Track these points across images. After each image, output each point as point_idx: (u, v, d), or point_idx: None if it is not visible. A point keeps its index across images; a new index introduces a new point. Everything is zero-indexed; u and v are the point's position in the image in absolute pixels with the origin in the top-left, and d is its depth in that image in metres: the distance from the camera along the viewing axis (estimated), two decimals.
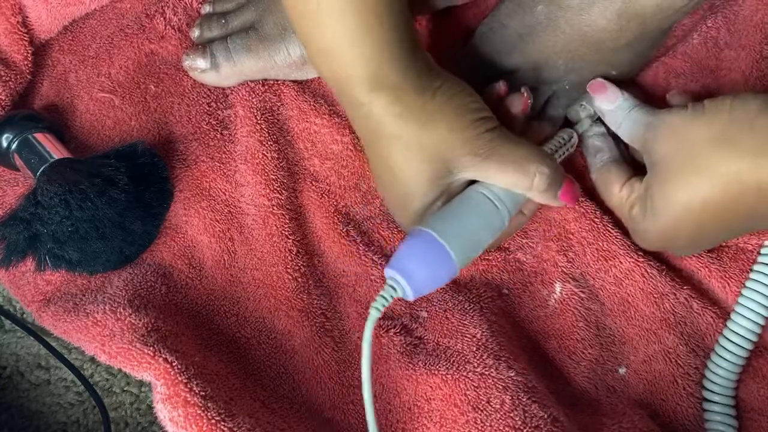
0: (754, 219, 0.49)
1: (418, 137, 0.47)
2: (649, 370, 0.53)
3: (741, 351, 0.51)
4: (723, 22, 0.60)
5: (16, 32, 0.58)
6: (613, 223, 0.55)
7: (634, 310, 0.53)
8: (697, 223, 0.49)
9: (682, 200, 0.48)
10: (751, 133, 0.46)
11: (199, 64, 0.59)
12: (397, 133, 0.47)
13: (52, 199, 0.50)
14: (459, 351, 0.50)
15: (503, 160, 0.49)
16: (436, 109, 0.47)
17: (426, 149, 0.48)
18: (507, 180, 0.49)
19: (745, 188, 0.46)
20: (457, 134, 0.48)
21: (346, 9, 0.44)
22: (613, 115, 0.55)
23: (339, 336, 0.52)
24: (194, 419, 0.44)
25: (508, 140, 0.49)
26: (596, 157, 0.56)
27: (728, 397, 0.51)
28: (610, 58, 0.56)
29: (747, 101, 0.47)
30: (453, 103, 0.48)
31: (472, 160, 0.48)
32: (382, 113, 0.47)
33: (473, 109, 0.49)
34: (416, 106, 0.47)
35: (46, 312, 0.52)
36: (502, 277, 0.55)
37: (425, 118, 0.47)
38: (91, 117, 0.59)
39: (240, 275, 0.54)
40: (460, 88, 0.49)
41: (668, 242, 0.52)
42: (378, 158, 0.50)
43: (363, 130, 0.49)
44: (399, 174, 0.49)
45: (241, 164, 0.57)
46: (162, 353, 0.46)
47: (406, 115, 0.47)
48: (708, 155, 0.47)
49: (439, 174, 0.49)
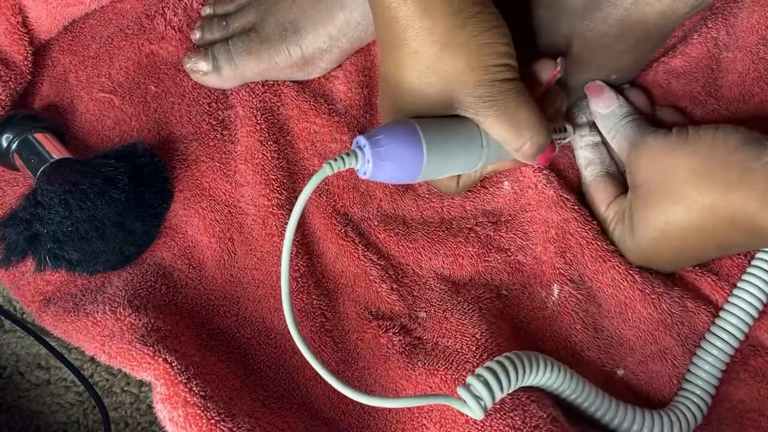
0: (728, 247, 0.51)
1: (436, 60, 0.46)
2: (646, 371, 0.53)
3: (727, 348, 0.52)
4: (722, 23, 0.60)
5: (16, 32, 0.58)
6: None
7: (632, 312, 0.53)
8: (674, 248, 0.51)
9: (661, 226, 0.50)
10: (726, 167, 0.47)
11: (200, 66, 0.59)
12: (416, 48, 0.45)
13: (52, 199, 0.50)
14: (458, 351, 0.50)
15: (504, 114, 0.48)
16: (462, 41, 0.45)
17: (440, 75, 0.46)
18: (499, 134, 0.49)
19: (720, 220, 0.48)
20: (473, 73, 0.46)
21: None
22: (606, 120, 0.55)
23: (338, 336, 0.53)
24: (194, 419, 0.44)
25: (518, 97, 0.48)
26: (587, 170, 0.57)
27: (708, 394, 0.52)
28: (610, 63, 0.56)
29: (728, 135, 0.48)
30: (481, 40, 0.46)
31: (475, 103, 0.47)
32: (408, 23, 0.45)
33: (499, 53, 0.47)
34: (444, 27, 0.45)
35: (46, 312, 0.52)
36: (501, 278, 0.55)
37: (450, 43, 0.45)
38: (91, 117, 0.59)
39: (240, 275, 0.54)
40: (495, 24, 0.47)
41: (649, 262, 0.54)
42: (390, 66, 0.48)
43: (384, 32, 0.47)
44: (405, 88, 0.48)
45: (241, 164, 0.57)
46: (162, 353, 0.46)
47: (432, 33, 0.45)
48: (687, 186, 0.48)
49: (441, 104, 0.48)
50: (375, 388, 0.51)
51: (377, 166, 0.46)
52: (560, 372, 0.47)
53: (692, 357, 0.53)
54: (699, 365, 0.52)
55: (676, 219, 0.49)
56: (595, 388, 0.49)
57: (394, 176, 0.47)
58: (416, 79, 0.47)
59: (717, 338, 0.52)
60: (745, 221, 0.47)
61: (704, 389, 0.51)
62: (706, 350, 0.52)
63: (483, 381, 0.44)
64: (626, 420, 0.49)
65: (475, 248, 0.55)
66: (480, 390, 0.44)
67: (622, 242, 0.54)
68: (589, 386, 0.49)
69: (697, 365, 0.52)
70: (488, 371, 0.44)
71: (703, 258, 0.54)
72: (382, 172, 0.46)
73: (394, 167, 0.46)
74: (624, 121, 0.54)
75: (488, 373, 0.44)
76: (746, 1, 0.59)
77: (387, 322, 0.52)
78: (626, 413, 0.49)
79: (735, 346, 0.52)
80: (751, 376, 0.53)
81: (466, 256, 0.55)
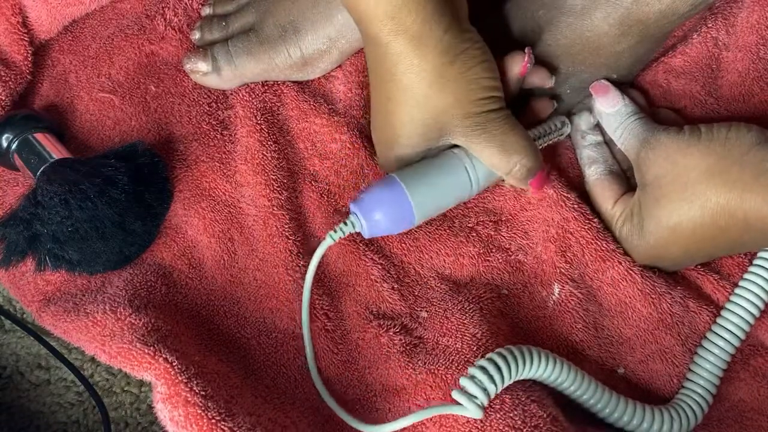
0: (738, 246, 0.51)
1: (427, 96, 0.48)
2: (647, 370, 0.53)
3: (728, 347, 0.52)
4: (722, 23, 0.60)
5: (16, 32, 0.58)
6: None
7: (632, 311, 0.53)
8: (684, 247, 0.51)
9: (672, 225, 0.50)
10: (741, 167, 0.47)
11: (200, 67, 0.59)
12: (407, 83, 0.48)
13: (52, 199, 0.50)
14: (459, 350, 0.50)
15: (492, 140, 0.50)
16: (450, 77, 0.48)
17: (429, 109, 0.48)
18: (488, 160, 0.51)
19: (733, 219, 0.48)
20: (461, 106, 0.49)
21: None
22: (611, 119, 0.55)
23: (340, 336, 0.53)
24: (194, 419, 0.44)
25: (505, 124, 0.50)
26: (591, 168, 0.57)
27: (709, 392, 0.52)
28: (610, 62, 0.56)
29: (742, 134, 0.49)
30: (468, 76, 0.48)
31: (465, 132, 0.50)
32: (399, 60, 0.47)
33: (485, 86, 0.49)
34: (434, 65, 0.47)
35: (46, 312, 0.52)
36: (502, 278, 0.55)
37: (439, 80, 0.47)
38: (91, 117, 0.59)
39: (240, 276, 0.54)
40: (481, 59, 0.49)
41: (656, 260, 0.54)
42: (381, 97, 0.50)
43: (376, 66, 0.49)
44: (395, 121, 0.50)
45: (241, 164, 0.57)
46: (162, 353, 0.46)
47: (422, 70, 0.47)
48: (701, 185, 0.49)
49: (431, 134, 0.50)
50: (376, 388, 0.51)
51: (372, 225, 0.51)
52: (556, 363, 0.48)
53: (694, 356, 0.53)
54: (700, 364, 0.52)
55: (688, 217, 0.49)
56: (594, 380, 0.49)
57: (391, 228, 0.51)
58: (407, 112, 0.49)
59: (719, 337, 0.52)
60: (759, 222, 0.47)
61: (705, 388, 0.51)
62: (708, 349, 0.52)
63: (476, 381, 0.45)
64: (626, 414, 0.49)
65: (476, 248, 0.55)
66: (474, 389, 0.45)
67: (629, 240, 0.53)
68: (588, 378, 0.49)
69: (699, 364, 0.52)
70: (480, 370, 0.46)
71: (711, 257, 0.54)
72: (378, 229, 0.51)
73: (387, 221, 0.51)
74: (631, 120, 0.54)
75: (479, 372, 0.46)
76: (746, 1, 0.59)
77: (388, 322, 0.52)
78: (626, 407, 0.49)
79: (736, 345, 0.52)
80: (751, 375, 0.53)
81: (467, 256, 0.55)
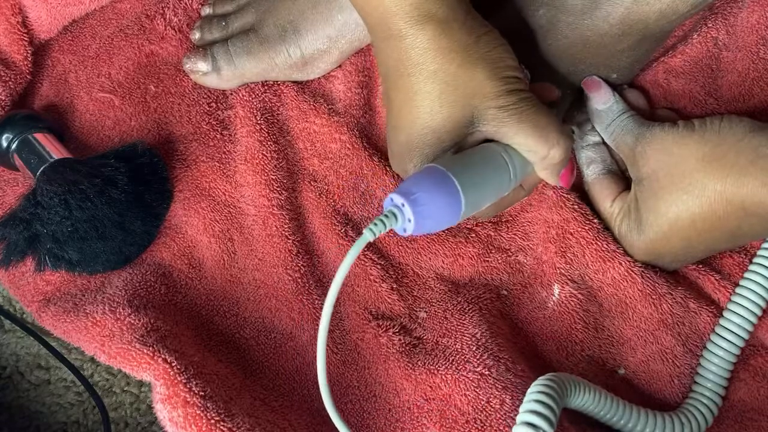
0: (737, 237, 0.51)
1: (457, 77, 0.47)
2: (647, 371, 0.53)
3: (733, 348, 0.52)
4: (722, 23, 0.60)
5: (16, 32, 0.58)
6: None
7: (632, 311, 0.53)
8: (684, 240, 0.51)
9: (671, 217, 0.50)
10: (737, 153, 0.47)
11: (200, 67, 0.59)
12: (436, 68, 0.46)
13: (52, 199, 0.50)
14: (459, 351, 0.50)
15: (526, 120, 0.48)
16: (478, 55, 0.47)
17: (460, 90, 0.47)
18: (526, 142, 0.49)
19: (731, 206, 0.48)
20: (493, 84, 0.47)
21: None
22: (604, 116, 0.55)
23: (339, 336, 0.53)
24: (194, 419, 0.44)
25: (536, 105, 0.49)
26: (589, 168, 0.57)
27: (718, 395, 0.51)
28: (611, 62, 0.56)
29: (734, 123, 0.49)
30: (494, 54, 0.48)
31: (497, 114, 0.48)
32: (426, 47, 0.46)
33: (510, 66, 0.49)
34: (462, 45, 0.47)
35: (46, 312, 0.52)
36: (502, 279, 0.55)
37: (468, 59, 0.47)
38: (91, 117, 0.59)
39: (240, 276, 0.54)
40: (501, 42, 0.49)
41: (656, 257, 0.53)
42: (404, 95, 0.48)
43: (397, 64, 0.48)
44: (423, 113, 0.48)
45: (241, 164, 0.57)
46: (161, 353, 0.46)
47: (451, 51, 0.46)
48: (698, 173, 0.48)
49: (464, 121, 0.48)
50: (375, 388, 0.51)
51: (419, 224, 0.44)
52: (585, 388, 0.47)
53: (699, 359, 0.52)
54: (706, 367, 0.52)
55: (687, 207, 0.49)
56: (599, 388, 0.49)
57: (435, 227, 0.46)
58: (436, 100, 0.47)
59: (722, 339, 0.52)
60: (756, 207, 0.47)
61: (713, 390, 0.51)
62: (713, 352, 0.52)
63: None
64: (631, 420, 0.49)
65: (476, 248, 0.55)
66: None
67: (628, 237, 0.53)
68: (594, 388, 0.48)
69: (705, 367, 0.52)
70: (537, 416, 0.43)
71: (712, 251, 0.53)
72: (423, 228, 0.44)
73: (435, 221, 0.45)
74: (623, 117, 0.54)
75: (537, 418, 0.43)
76: (746, 1, 0.59)
77: (387, 322, 0.52)
78: (632, 414, 0.49)
79: (741, 345, 0.52)
80: (751, 375, 0.53)
81: (466, 256, 0.55)
